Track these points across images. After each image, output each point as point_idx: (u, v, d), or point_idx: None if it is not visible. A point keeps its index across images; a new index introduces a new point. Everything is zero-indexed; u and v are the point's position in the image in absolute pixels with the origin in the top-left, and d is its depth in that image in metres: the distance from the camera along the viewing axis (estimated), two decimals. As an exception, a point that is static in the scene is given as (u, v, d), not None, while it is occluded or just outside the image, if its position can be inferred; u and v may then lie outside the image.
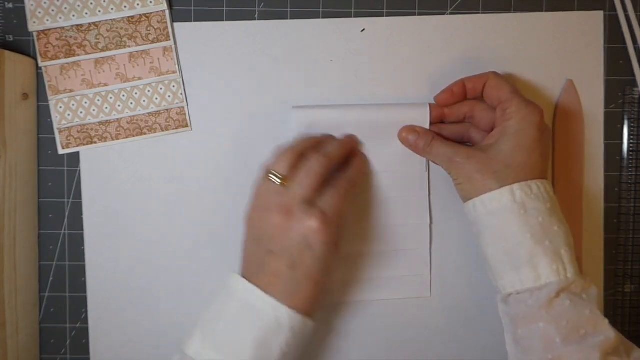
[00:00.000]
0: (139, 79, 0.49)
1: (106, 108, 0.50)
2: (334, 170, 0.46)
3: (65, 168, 0.50)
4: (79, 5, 0.48)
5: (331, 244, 0.42)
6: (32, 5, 0.48)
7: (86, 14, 0.49)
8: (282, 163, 0.43)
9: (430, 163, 0.50)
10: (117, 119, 0.50)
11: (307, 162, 0.43)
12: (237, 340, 0.41)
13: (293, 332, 0.41)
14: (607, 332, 0.40)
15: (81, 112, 0.50)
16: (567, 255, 0.41)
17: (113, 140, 0.50)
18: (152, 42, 0.49)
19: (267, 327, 0.41)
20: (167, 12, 0.49)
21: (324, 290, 0.44)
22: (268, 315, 0.41)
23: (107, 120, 0.50)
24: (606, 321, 0.41)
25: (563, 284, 0.41)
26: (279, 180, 0.43)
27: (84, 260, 0.50)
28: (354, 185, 0.46)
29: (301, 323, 0.42)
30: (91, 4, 0.48)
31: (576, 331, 0.40)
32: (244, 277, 0.43)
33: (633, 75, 0.51)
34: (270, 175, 0.43)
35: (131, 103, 0.50)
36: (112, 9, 0.49)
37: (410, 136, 0.47)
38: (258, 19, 0.50)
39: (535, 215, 0.42)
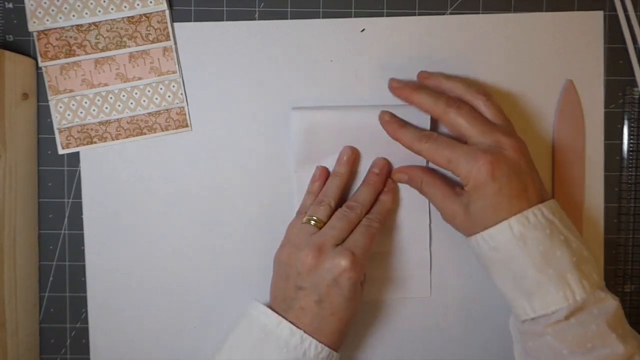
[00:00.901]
0: (139, 79, 0.49)
1: (106, 108, 0.50)
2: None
3: (65, 168, 0.50)
4: (79, 5, 0.48)
5: (358, 282, 0.44)
6: (32, 5, 0.48)
7: (86, 14, 0.48)
8: (323, 211, 0.46)
9: (430, 163, 0.50)
10: (117, 119, 0.50)
11: (342, 210, 0.46)
12: None
13: None
14: (613, 346, 0.40)
15: (81, 112, 0.50)
16: (573, 277, 0.41)
17: (113, 140, 0.50)
18: (152, 42, 0.49)
19: (294, 359, 0.42)
20: (167, 12, 0.49)
21: (349, 326, 0.45)
22: (296, 347, 0.42)
23: (107, 120, 0.50)
24: (613, 335, 0.41)
25: (572, 308, 0.41)
26: (315, 223, 0.45)
27: (84, 260, 0.50)
28: (384, 223, 0.48)
29: (328, 355, 0.43)
30: (91, 4, 0.48)
31: (582, 345, 0.41)
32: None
33: (633, 75, 0.51)
34: (310, 220, 0.45)
35: (131, 103, 0.50)
36: (112, 9, 0.49)
37: (403, 177, 0.49)
38: (258, 19, 0.50)
39: (535, 245, 0.41)
